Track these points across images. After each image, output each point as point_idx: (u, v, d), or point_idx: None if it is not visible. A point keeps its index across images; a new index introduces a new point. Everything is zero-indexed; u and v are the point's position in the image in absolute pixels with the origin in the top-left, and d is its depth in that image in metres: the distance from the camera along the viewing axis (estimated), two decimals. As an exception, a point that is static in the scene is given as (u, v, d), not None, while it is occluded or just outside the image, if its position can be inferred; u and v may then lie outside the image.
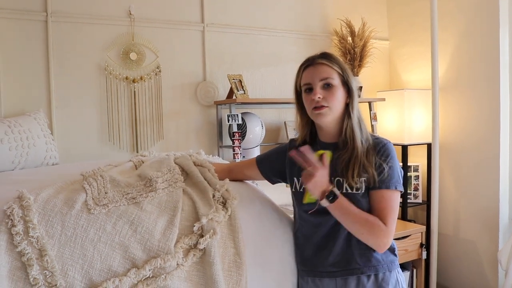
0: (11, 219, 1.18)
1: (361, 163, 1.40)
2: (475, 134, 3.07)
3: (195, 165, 1.60)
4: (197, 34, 2.96)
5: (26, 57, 2.49)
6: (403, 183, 1.46)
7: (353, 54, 3.30)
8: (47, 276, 1.15)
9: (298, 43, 3.34)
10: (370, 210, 1.42)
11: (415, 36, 3.49)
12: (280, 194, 3.12)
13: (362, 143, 1.43)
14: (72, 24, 2.59)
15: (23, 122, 2.24)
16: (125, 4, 2.72)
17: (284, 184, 1.65)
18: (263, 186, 1.82)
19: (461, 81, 3.15)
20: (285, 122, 3.15)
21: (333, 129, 1.48)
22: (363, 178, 1.40)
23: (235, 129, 2.73)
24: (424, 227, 3.07)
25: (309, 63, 1.47)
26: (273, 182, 1.66)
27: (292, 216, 1.62)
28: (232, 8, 3.08)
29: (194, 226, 1.32)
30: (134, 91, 2.74)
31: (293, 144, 1.59)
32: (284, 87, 3.26)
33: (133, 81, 2.74)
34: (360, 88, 3.30)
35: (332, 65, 1.44)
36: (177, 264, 1.25)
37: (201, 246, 1.29)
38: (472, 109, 3.08)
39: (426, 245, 3.08)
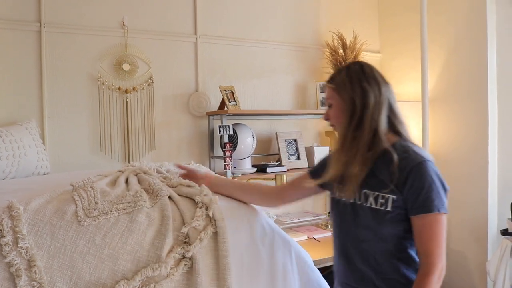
0: (0, 230, 1.18)
1: (377, 178, 1.37)
2: (464, 146, 3.10)
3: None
4: (189, 46, 2.98)
5: (19, 67, 2.49)
6: None
7: (344, 66, 3.33)
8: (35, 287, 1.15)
9: (290, 55, 3.37)
10: (400, 231, 1.36)
11: (406, 49, 3.53)
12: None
13: (371, 157, 1.38)
14: (66, 35, 2.60)
15: (15, 131, 2.24)
16: (119, 15, 2.75)
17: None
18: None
19: (451, 94, 3.19)
20: (276, 133, 3.16)
21: None
22: (390, 197, 1.34)
23: (226, 140, 2.74)
24: (414, 238, 3.08)
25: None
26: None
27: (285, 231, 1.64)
28: (225, 20, 3.11)
29: (178, 235, 1.33)
30: (127, 102, 2.76)
31: None
32: (276, 98, 3.29)
33: (126, 91, 2.75)
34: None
35: (332, 85, 1.48)
36: (168, 273, 1.25)
37: (188, 254, 1.30)
38: (461, 121, 3.12)
39: (416, 256, 3.09)
